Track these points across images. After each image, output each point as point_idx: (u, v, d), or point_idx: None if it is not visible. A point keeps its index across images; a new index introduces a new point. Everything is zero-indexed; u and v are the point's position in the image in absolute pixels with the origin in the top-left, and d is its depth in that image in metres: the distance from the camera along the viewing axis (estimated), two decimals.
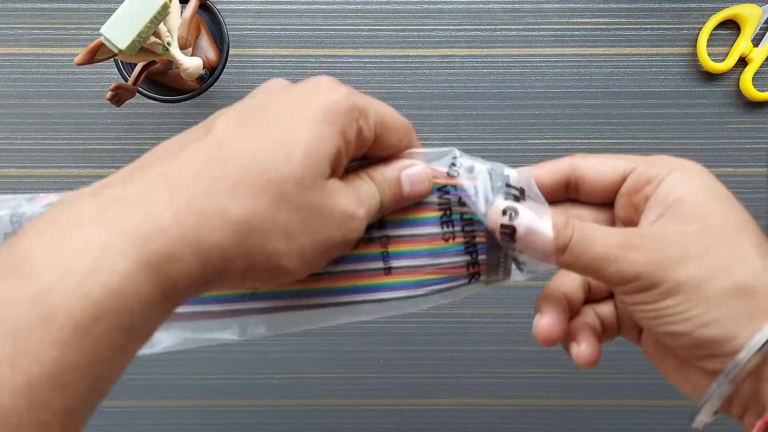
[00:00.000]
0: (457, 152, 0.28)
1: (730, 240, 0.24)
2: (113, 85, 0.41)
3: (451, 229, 0.28)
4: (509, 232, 0.25)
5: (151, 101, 0.45)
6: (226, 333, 0.29)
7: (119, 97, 0.42)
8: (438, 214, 0.28)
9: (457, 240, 0.28)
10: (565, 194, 0.29)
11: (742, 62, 0.50)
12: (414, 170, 0.27)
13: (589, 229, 0.25)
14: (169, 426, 0.53)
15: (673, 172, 0.26)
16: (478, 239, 0.28)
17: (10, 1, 0.50)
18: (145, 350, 0.23)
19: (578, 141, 0.51)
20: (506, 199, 0.27)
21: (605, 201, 0.28)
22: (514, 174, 0.28)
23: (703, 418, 0.25)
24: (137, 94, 0.44)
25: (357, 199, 0.24)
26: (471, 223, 0.28)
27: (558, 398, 0.53)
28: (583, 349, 0.28)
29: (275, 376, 0.53)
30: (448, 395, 0.52)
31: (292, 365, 0.52)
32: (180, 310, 0.24)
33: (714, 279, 0.24)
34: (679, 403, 0.52)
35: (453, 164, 0.28)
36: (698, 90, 0.51)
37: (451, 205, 0.28)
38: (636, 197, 0.27)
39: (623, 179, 0.27)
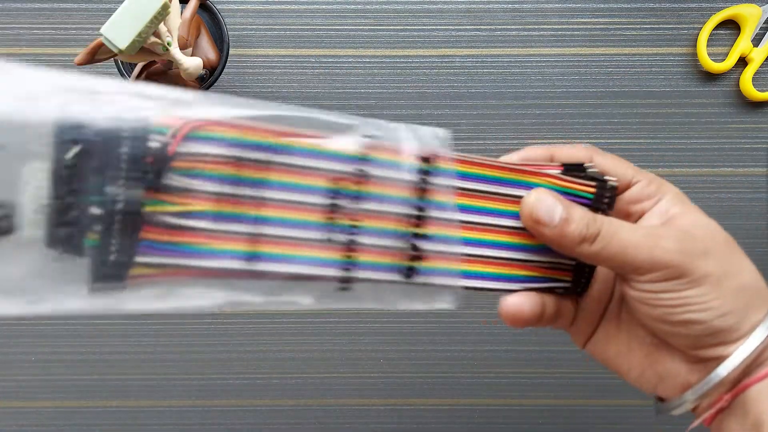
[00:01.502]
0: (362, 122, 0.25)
1: (730, 249, 0.28)
2: None
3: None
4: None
5: None
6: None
7: None
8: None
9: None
10: None
11: (742, 62, 0.50)
12: None
13: (615, 221, 0.27)
14: (170, 426, 0.53)
15: (669, 193, 0.29)
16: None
17: (10, 1, 0.50)
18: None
19: (578, 141, 0.51)
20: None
21: None
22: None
23: (689, 399, 0.28)
24: None
25: None
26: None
27: (558, 398, 0.53)
28: (515, 299, 0.29)
29: (275, 376, 0.53)
30: (448, 395, 0.52)
31: (292, 365, 0.52)
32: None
33: (729, 276, 0.27)
34: None
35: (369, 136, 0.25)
36: (698, 90, 0.51)
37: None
38: (633, 207, 0.30)
39: (628, 187, 0.30)
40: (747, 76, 0.49)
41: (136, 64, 0.43)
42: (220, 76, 0.45)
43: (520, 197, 0.28)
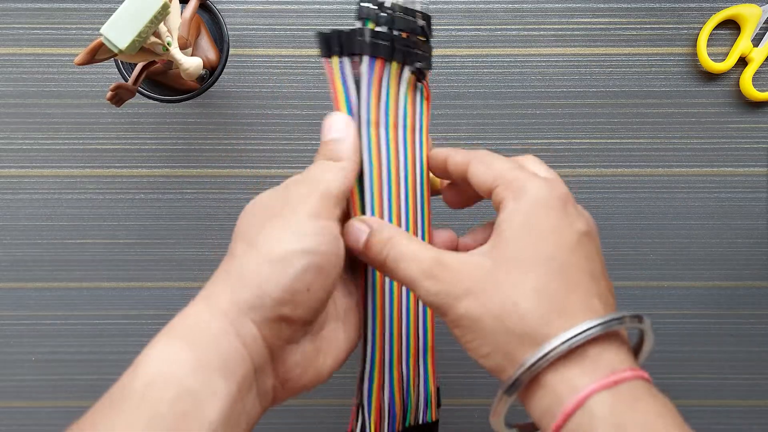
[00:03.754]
0: None
1: (512, 281, 0.26)
2: (113, 85, 0.41)
3: None
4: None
5: (151, 101, 0.45)
6: None
7: (119, 97, 0.42)
8: None
9: None
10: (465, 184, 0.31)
11: (742, 62, 0.50)
12: None
13: (405, 250, 0.28)
14: None
15: (512, 200, 0.27)
16: None
17: (10, 1, 0.50)
18: None
19: (578, 141, 0.51)
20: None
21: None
22: None
23: (494, 424, 0.29)
24: (137, 94, 0.44)
25: None
26: None
27: None
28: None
29: None
30: (448, 395, 0.52)
31: None
32: None
33: (487, 317, 0.26)
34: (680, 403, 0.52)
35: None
36: (698, 90, 0.51)
37: None
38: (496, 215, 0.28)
39: (489, 194, 0.29)
40: (747, 76, 0.49)
41: (136, 64, 0.43)
42: (220, 76, 0.45)
43: None
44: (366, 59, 0.30)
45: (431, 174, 0.34)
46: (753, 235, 0.51)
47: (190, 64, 0.42)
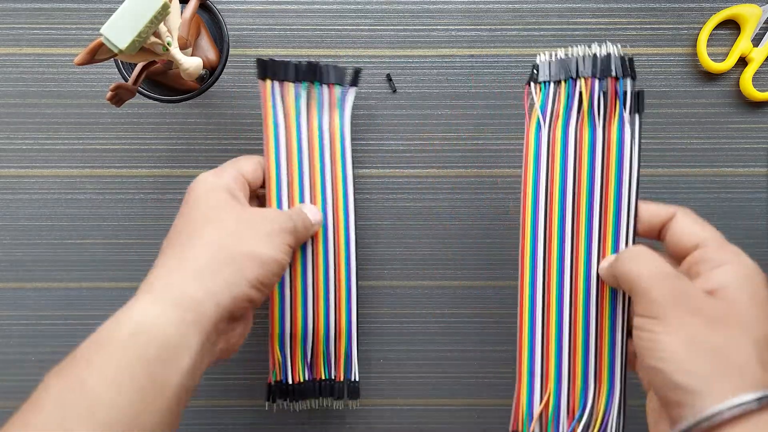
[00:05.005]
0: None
1: (737, 329, 0.28)
2: (113, 85, 0.41)
3: None
4: None
5: (151, 101, 0.45)
6: None
7: (119, 97, 0.42)
8: None
9: None
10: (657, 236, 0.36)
11: (742, 62, 0.50)
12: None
13: (640, 253, 0.33)
14: None
15: (731, 263, 0.31)
16: None
17: (10, 1, 0.50)
18: None
19: None
20: None
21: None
22: None
23: None
24: (137, 94, 0.44)
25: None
26: None
27: None
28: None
29: None
30: (448, 395, 0.52)
31: None
32: None
33: (711, 342, 0.28)
34: None
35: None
36: (698, 90, 0.51)
37: None
38: (693, 269, 0.32)
39: (691, 247, 0.33)
40: (747, 76, 0.49)
41: (136, 64, 0.43)
42: (220, 76, 0.45)
43: None
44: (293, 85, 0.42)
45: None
46: (753, 235, 0.52)
47: (190, 64, 0.42)
